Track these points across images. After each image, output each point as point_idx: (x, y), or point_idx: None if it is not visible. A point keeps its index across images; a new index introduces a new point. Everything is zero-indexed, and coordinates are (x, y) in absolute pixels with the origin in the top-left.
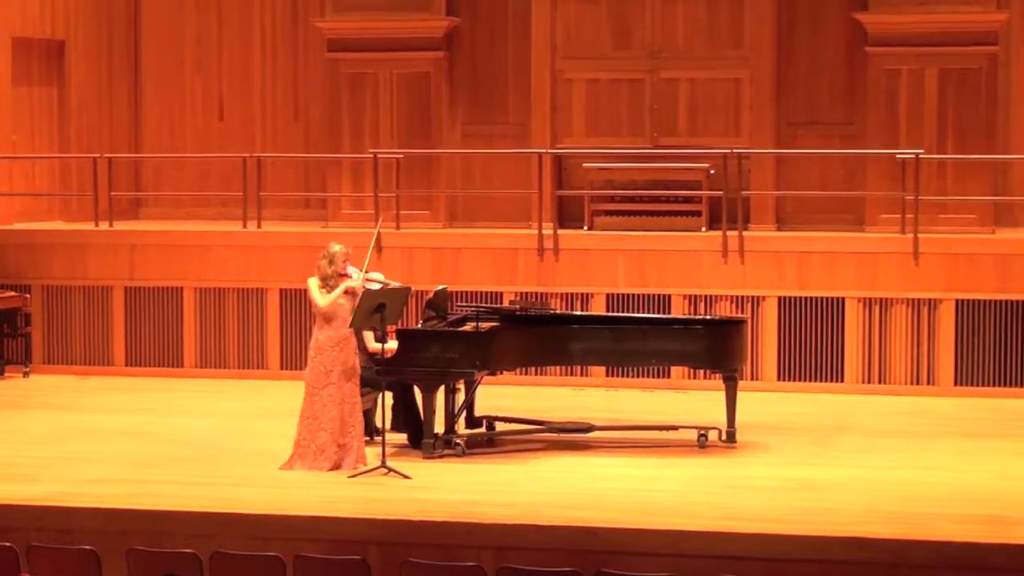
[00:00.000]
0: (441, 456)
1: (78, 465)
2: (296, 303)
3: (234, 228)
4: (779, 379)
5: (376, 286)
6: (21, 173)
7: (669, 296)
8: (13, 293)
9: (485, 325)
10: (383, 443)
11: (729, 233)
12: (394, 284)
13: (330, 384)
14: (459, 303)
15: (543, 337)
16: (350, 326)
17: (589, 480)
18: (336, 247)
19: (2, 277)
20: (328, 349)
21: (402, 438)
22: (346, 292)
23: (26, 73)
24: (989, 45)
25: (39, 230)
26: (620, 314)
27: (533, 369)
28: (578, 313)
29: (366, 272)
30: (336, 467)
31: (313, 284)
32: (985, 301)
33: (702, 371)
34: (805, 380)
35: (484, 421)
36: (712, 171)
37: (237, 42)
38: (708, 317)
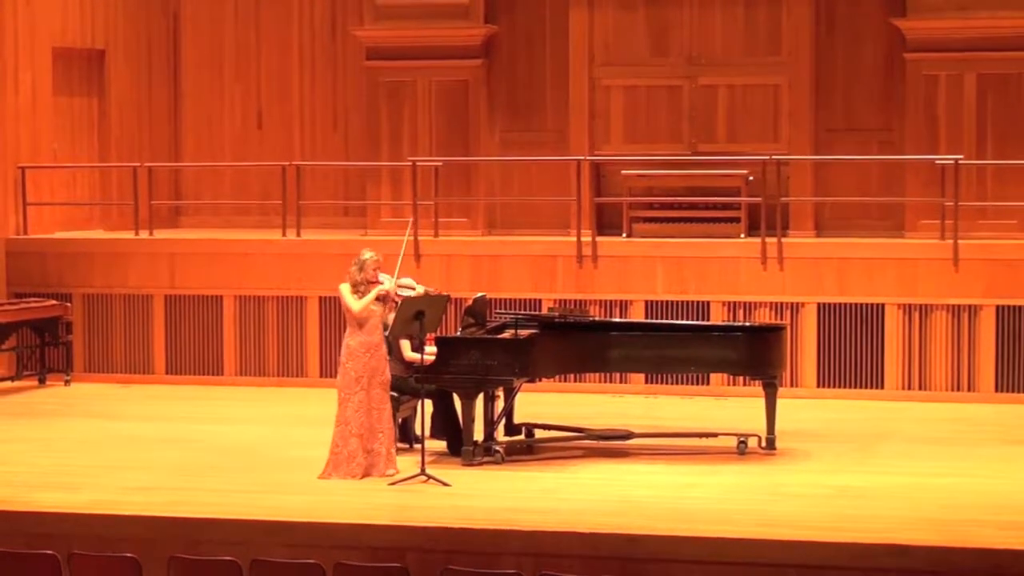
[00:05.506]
0: (480, 463)
1: (119, 473)
2: (336, 311)
3: (273, 236)
4: (819, 386)
5: (408, 292)
6: (62, 182)
7: (708, 303)
8: (54, 302)
9: (524, 332)
10: (422, 451)
11: (768, 240)
12: (426, 289)
13: (360, 390)
14: (498, 310)
15: (582, 344)
16: (388, 335)
17: (629, 487)
18: (367, 254)
19: (43, 286)
20: (359, 355)
21: (441, 446)
22: (377, 298)
23: (67, 83)
24: None
25: (80, 239)
26: (659, 321)
27: (572, 376)
28: (617, 320)
29: (398, 278)
30: (367, 474)
31: (345, 289)
32: None
33: (741, 378)
34: (845, 387)
35: (523, 428)
36: (751, 178)
37: (275, 51)
38: (747, 324)
